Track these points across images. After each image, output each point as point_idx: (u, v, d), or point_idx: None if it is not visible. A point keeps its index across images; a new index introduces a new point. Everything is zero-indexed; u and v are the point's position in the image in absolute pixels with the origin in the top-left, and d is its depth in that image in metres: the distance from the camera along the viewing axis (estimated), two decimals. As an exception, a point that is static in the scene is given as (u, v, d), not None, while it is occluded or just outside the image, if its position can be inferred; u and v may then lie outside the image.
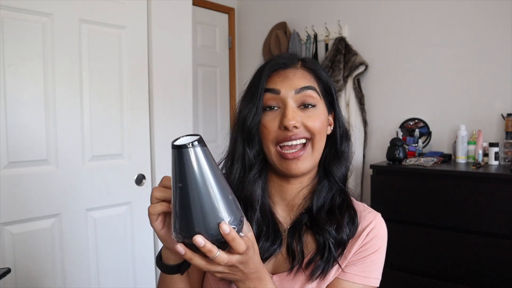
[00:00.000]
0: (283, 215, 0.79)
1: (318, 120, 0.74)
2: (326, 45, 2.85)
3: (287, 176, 0.77)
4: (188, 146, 0.53)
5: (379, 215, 0.82)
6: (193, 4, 2.30)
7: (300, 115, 0.72)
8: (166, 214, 0.63)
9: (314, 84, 0.75)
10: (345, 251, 0.75)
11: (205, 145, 0.55)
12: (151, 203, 0.61)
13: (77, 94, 1.66)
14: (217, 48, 3.26)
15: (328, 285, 0.75)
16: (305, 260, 0.74)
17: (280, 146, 0.73)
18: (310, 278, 0.73)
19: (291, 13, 3.05)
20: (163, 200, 0.61)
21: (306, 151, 0.73)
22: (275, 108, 0.73)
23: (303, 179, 0.78)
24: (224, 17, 3.31)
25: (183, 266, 0.68)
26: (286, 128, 0.71)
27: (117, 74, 1.80)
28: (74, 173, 1.66)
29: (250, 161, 0.75)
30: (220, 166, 0.79)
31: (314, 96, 0.74)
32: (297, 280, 0.74)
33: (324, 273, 0.73)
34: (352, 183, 2.66)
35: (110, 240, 1.81)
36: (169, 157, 0.63)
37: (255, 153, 0.75)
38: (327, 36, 2.84)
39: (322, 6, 2.90)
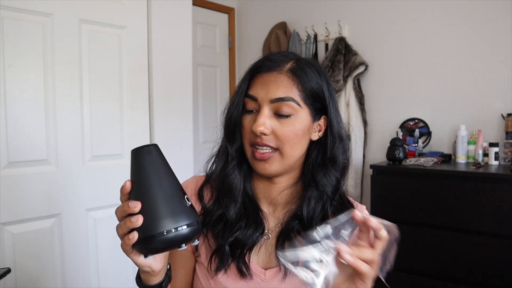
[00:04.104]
0: (267, 210, 0.81)
1: (291, 130, 0.73)
2: (326, 45, 2.85)
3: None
4: (138, 149, 0.63)
5: (363, 207, 0.84)
6: (193, 4, 2.30)
7: (274, 122, 0.73)
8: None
9: (293, 93, 0.73)
10: None
11: (156, 151, 0.64)
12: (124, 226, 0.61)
13: (77, 94, 1.66)
14: (217, 48, 3.26)
15: None
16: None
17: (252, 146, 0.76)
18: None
19: (291, 13, 3.05)
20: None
21: (274, 155, 0.74)
22: (254, 111, 0.75)
23: (280, 180, 0.79)
24: (224, 17, 3.31)
25: (164, 283, 0.69)
26: (255, 133, 0.73)
27: (117, 74, 1.80)
28: (74, 173, 1.66)
29: (231, 155, 0.78)
30: (212, 161, 0.83)
31: (291, 106, 0.72)
32: (289, 281, 0.75)
33: None
34: (352, 183, 2.66)
35: (110, 240, 1.80)
36: (169, 157, 0.65)
37: (236, 148, 0.79)
38: (327, 36, 2.84)
39: (322, 6, 2.90)
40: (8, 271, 1.21)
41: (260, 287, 0.75)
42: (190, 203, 0.63)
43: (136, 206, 0.59)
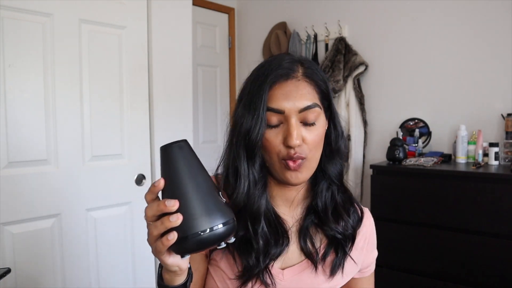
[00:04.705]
0: (286, 212, 0.82)
1: (317, 134, 0.74)
2: (326, 45, 2.85)
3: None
4: (168, 146, 0.59)
5: (367, 209, 0.89)
6: (193, 4, 2.30)
7: (302, 131, 0.73)
8: None
9: (315, 98, 0.73)
10: (354, 245, 0.82)
11: (187, 147, 0.61)
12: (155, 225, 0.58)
13: (77, 94, 1.66)
14: (217, 48, 3.26)
15: (353, 284, 0.88)
16: (320, 255, 0.79)
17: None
18: (331, 275, 0.79)
19: (291, 13, 3.05)
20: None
21: (304, 162, 0.74)
22: (278, 125, 0.73)
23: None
24: (224, 17, 3.31)
25: (188, 282, 0.68)
26: (289, 147, 0.71)
27: (117, 74, 1.80)
28: (74, 173, 1.66)
29: (254, 177, 0.75)
30: (219, 170, 0.80)
31: (316, 111, 0.73)
32: (313, 273, 0.79)
33: (342, 267, 0.80)
34: (352, 183, 2.66)
35: (110, 240, 1.81)
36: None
37: (258, 168, 0.75)
38: (327, 36, 2.84)
39: (322, 6, 2.90)
40: (8, 271, 1.21)
41: None
42: (224, 200, 0.62)
43: (174, 204, 0.56)
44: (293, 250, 0.79)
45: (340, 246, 0.79)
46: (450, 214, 1.96)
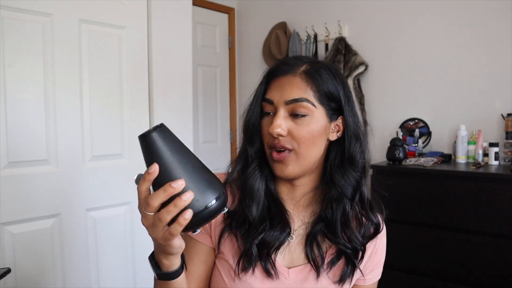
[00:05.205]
0: (292, 210, 0.82)
1: (306, 130, 0.74)
2: (326, 45, 2.85)
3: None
4: (150, 132, 0.58)
5: (381, 216, 0.87)
6: (193, 4, 2.30)
7: (290, 123, 0.75)
8: None
9: (308, 94, 0.74)
10: (364, 256, 0.81)
11: (167, 129, 0.59)
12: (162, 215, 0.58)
13: (77, 94, 1.66)
14: (217, 48, 3.26)
15: None
16: (326, 262, 0.79)
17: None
18: (339, 283, 0.79)
19: (291, 13, 3.05)
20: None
21: (289, 155, 0.75)
22: (271, 113, 0.78)
23: (301, 182, 0.81)
24: (224, 17, 3.31)
25: (185, 263, 0.69)
26: (272, 136, 0.75)
27: (117, 74, 1.80)
28: (74, 173, 1.66)
29: (251, 157, 0.80)
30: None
31: (306, 107, 0.74)
32: (312, 279, 0.79)
33: (351, 278, 0.80)
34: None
35: (110, 240, 1.81)
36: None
37: (256, 151, 0.80)
38: (327, 36, 2.84)
39: (322, 6, 2.90)
40: (8, 271, 1.21)
41: (284, 287, 0.77)
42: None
43: (181, 184, 0.56)
44: (299, 252, 0.80)
45: (350, 259, 0.78)
46: (450, 214, 1.96)
